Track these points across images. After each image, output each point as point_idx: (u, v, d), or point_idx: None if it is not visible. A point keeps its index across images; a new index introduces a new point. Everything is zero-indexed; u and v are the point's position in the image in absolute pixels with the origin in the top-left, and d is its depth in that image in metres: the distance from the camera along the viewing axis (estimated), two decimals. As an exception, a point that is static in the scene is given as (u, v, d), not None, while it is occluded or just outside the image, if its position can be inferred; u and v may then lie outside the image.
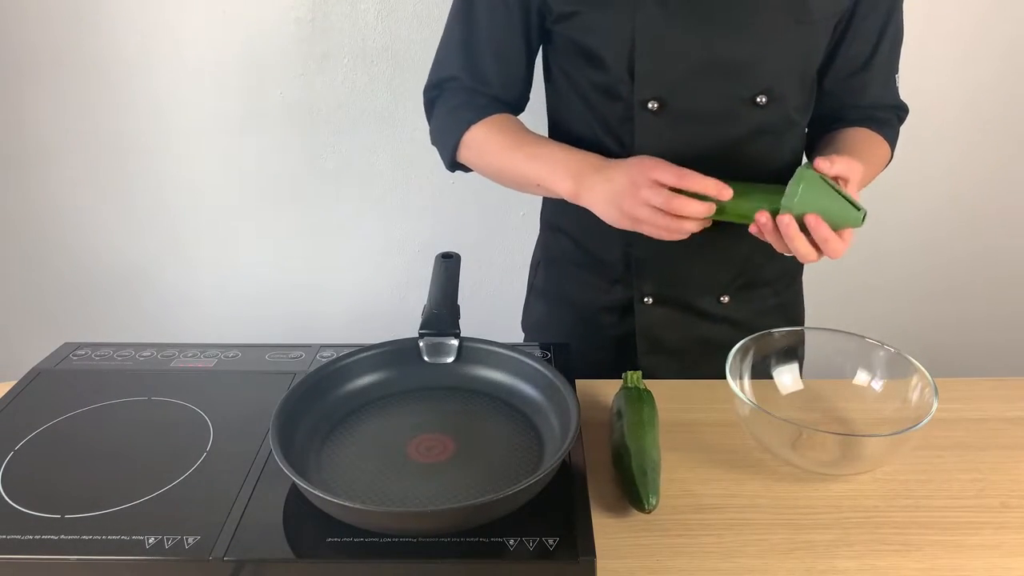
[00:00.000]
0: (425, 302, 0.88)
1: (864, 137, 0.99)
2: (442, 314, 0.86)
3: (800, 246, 0.80)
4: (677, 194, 0.81)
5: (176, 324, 1.84)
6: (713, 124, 0.91)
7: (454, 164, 1.01)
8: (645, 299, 1.02)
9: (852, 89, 1.00)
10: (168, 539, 0.65)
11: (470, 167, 1.01)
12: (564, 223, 1.08)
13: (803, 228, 0.80)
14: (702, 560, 0.70)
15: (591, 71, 0.93)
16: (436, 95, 1.02)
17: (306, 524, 0.67)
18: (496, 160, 0.96)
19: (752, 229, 0.83)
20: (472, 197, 1.70)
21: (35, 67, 1.57)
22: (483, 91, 0.98)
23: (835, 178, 0.81)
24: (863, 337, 0.89)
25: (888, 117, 1.03)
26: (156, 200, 1.70)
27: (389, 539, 0.65)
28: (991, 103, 1.61)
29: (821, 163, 0.79)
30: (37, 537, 0.65)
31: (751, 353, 0.88)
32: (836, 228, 0.80)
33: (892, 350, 0.87)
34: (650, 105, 0.90)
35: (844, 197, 0.80)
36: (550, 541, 0.64)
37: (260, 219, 1.72)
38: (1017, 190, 1.72)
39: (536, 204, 1.34)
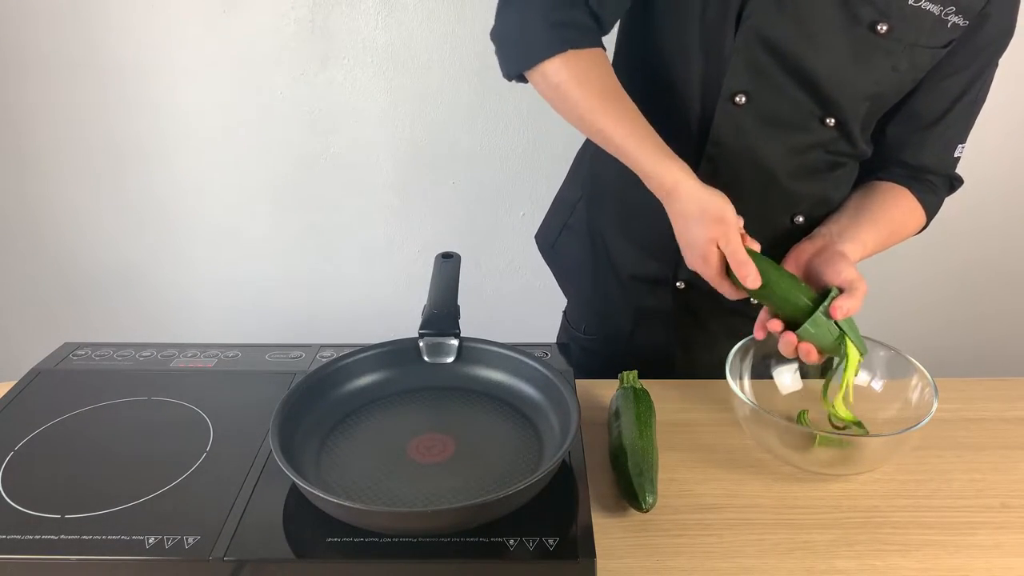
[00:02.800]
0: (425, 302, 0.88)
1: (896, 206, 0.97)
2: (442, 314, 0.86)
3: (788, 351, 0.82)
4: (724, 277, 0.82)
5: (176, 324, 1.84)
6: (787, 131, 0.91)
7: (520, 76, 0.88)
8: (678, 283, 1.02)
9: (909, 144, 0.97)
10: (168, 539, 0.65)
11: (537, 88, 0.88)
12: (620, 179, 1.00)
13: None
14: (702, 560, 0.70)
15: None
16: None
17: (306, 524, 0.67)
18: (587, 110, 0.84)
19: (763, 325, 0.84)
20: (472, 197, 1.71)
21: (35, 67, 1.57)
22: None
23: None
24: (863, 337, 0.89)
25: (936, 183, 0.99)
26: (156, 200, 1.70)
27: (389, 539, 0.65)
28: (992, 102, 1.61)
29: (837, 312, 0.79)
30: (37, 537, 0.65)
31: (751, 353, 0.88)
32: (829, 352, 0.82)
33: (892, 350, 0.88)
34: (737, 98, 0.88)
35: (850, 334, 0.80)
36: (550, 541, 0.64)
37: (260, 219, 1.72)
38: (1018, 191, 1.72)
39: (536, 204, 1.35)
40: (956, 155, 0.98)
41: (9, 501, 0.69)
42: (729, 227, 0.80)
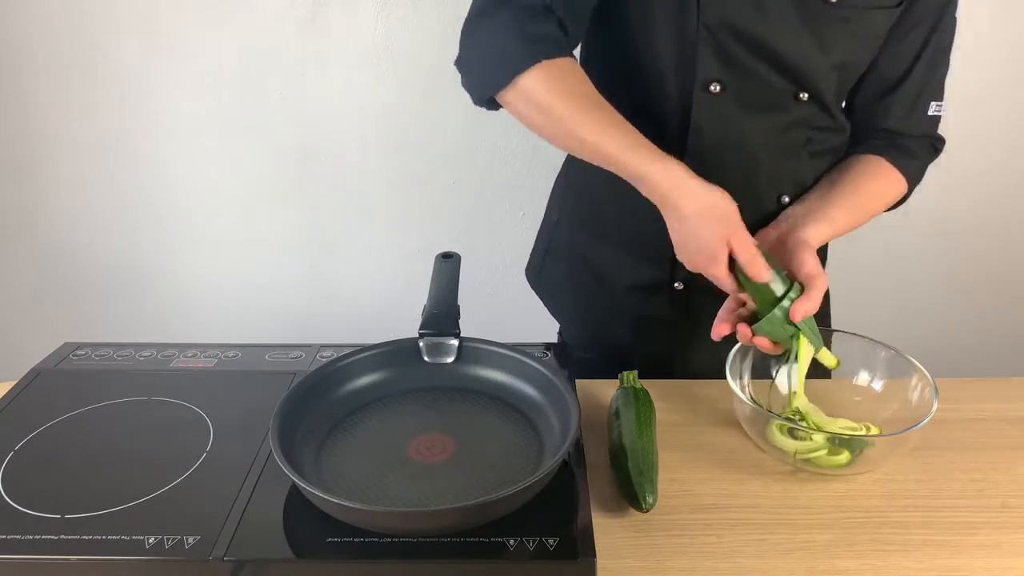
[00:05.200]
0: (425, 302, 0.88)
1: (871, 177, 0.96)
2: (442, 314, 0.86)
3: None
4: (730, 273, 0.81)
5: (176, 324, 1.84)
6: (765, 112, 0.91)
7: (492, 101, 0.86)
8: (676, 285, 1.01)
9: (879, 109, 0.97)
10: (168, 539, 0.65)
11: (511, 108, 0.86)
12: (598, 190, 1.02)
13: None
14: (702, 560, 0.70)
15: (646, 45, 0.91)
16: (492, 7, 0.85)
17: (306, 524, 0.67)
18: (569, 120, 0.82)
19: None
20: (472, 197, 1.71)
21: (35, 67, 1.57)
22: (545, 9, 0.83)
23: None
24: (863, 337, 0.89)
25: (913, 147, 0.97)
26: (156, 200, 1.70)
27: (389, 539, 0.65)
28: (992, 100, 1.61)
29: (795, 315, 0.80)
30: (37, 537, 0.65)
31: (751, 353, 0.88)
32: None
33: (892, 350, 0.88)
34: (712, 87, 0.89)
35: (804, 330, 0.81)
36: (550, 541, 0.64)
37: (260, 219, 1.72)
38: (1018, 191, 1.72)
39: (536, 204, 1.34)
40: (932, 113, 0.97)
41: (9, 501, 0.69)
42: (738, 224, 0.80)
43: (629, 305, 1.06)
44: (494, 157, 1.66)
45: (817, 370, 0.85)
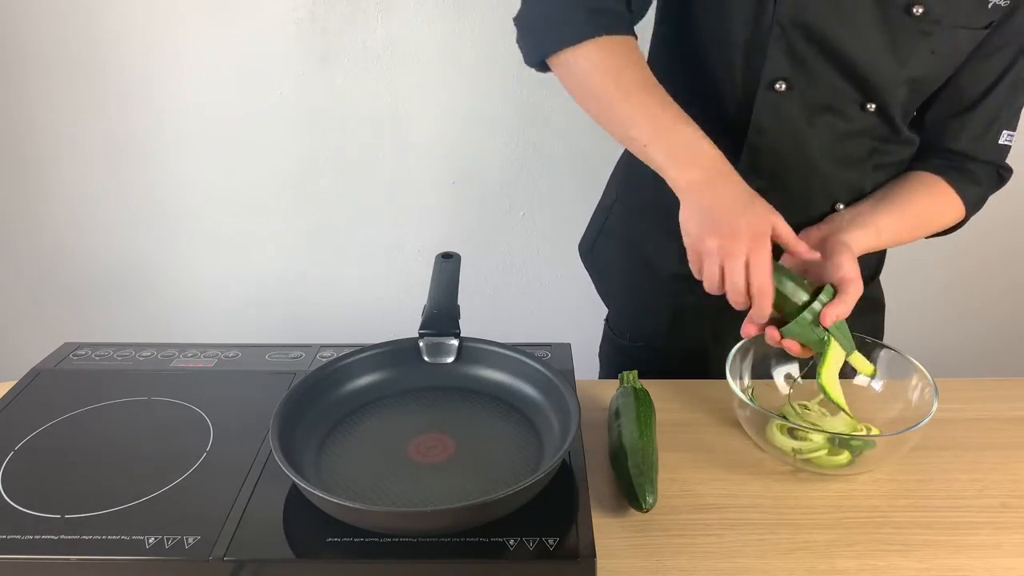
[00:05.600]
0: (425, 302, 0.88)
1: (927, 196, 0.94)
2: (442, 314, 0.86)
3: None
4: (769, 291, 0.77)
5: (176, 324, 1.84)
6: (828, 117, 0.90)
7: (543, 63, 0.85)
8: None
9: (949, 129, 0.94)
10: (168, 539, 0.65)
11: (560, 77, 0.85)
12: (649, 176, 1.01)
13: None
14: (702, 560, 0.70)
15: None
16: None
17: (306, 524, 0.67)
18: (614, 98, 0.81)
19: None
20: (472, 197, 1.70)
21: (35, 67, 1.57)
22: None
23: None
24: (864, 337, 0.89)
25: (979, 172, 0.95)
26: (157, 200, 1.70)
27: (389, 539, 0.65)
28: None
29: (827, 319, 0.78)
30: (37, 537, 0.65)
31: (751, 353, 0.88)
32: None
33: (892, 350, 0.88)
34: (777, 85, 0.87)
35: (836, 334, 0.80)
36: (550, 541, 0.64)
37: (260, 219, 1.72)
38: (1018, 191, 1.71)
39: (536, 204, 1.35)
40: (1002, 142, 0.95)
41: (9, 501, 0.69)
42: (768, 216, 0.77)
43: (672, 294, 1.05)
44: (494, 157, 1.66)
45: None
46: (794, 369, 0.90)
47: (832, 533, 0.73)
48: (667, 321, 1.07)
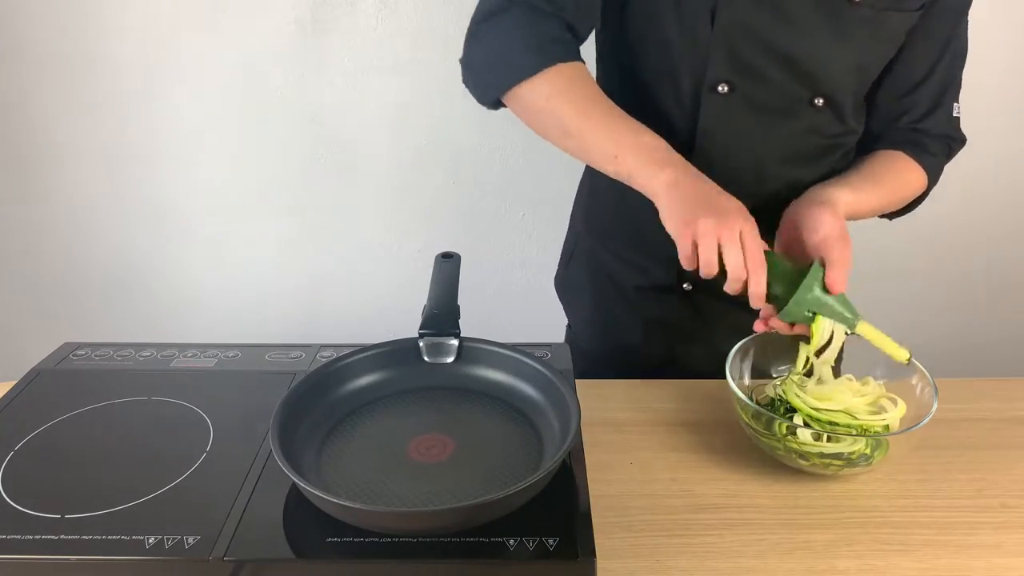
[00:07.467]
0: (425, 302, 0.88)
1: (891, 164, 0.96)
2: (442, 314, 0.86)
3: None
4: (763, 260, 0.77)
5: (176, 324, 1.84)
6: (776, 117, 0.91)
7: (496, 102, 0.87)
8: (685, 286, 1.01)
9: (901, 108, 0.97)
10: (168, 539, 0.65)
11: (516, 111, 0.87)
12: (607, 195, 1.04)
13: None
14: (702, 560, 0.70)
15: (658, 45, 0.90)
16: (500, 7, 0.85)
17: (306, 524, 0.67)
18: (573, 123, 0.82)
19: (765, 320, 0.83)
20: (472, 197, 1.71)
21: (35, 68, 1.57)
22: (554, 12, 0.84)
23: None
24: (864, 337, 0.89)
25: (931, 144, 0.98)
26: (157, 200, 1.70)
27: (389, 539, 0.65)
28: (992, 100, 1.61)
29: (834, 288, 0.79)
30: (37, 537, 0.65)
31: (751, 353, 0.88)
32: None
33: (892, 350, 0.87)
34: (720, 88, 0.88)
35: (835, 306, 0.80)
36: (550, 541, 0.64)
37: (260, 219, 1.73)
38: (1019, 191, 1.72)
39: (536, 204, 1.35)
40: (955, 114, 0.98)
41: (9, 501, 0.69)
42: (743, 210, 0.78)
43: (640, 306, 1.06)
44: (494, 157, 1.66)
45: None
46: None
47: (832, 533, 0.73)
48: (637, 336, 1.08)
